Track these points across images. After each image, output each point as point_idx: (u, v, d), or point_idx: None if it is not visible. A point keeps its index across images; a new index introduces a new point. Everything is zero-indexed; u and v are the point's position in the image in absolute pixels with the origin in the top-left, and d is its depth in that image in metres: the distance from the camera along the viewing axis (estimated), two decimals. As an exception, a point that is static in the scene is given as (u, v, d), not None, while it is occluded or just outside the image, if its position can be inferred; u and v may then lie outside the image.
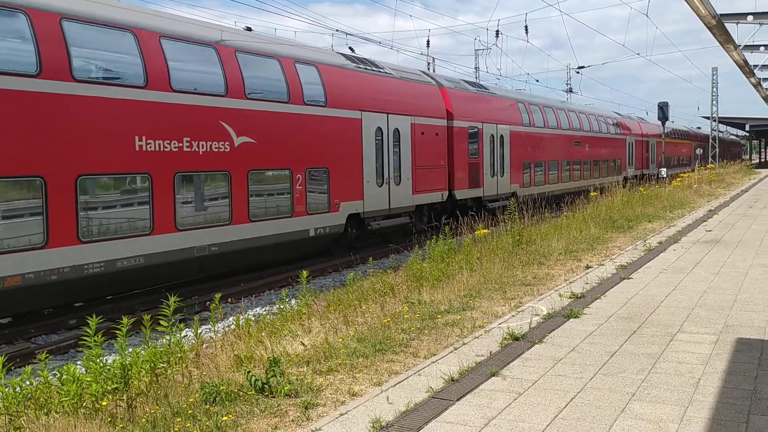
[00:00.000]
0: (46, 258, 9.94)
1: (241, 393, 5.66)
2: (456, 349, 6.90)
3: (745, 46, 23.55)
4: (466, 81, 24.72)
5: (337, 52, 18.62)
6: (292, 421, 5.19)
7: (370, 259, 12.62)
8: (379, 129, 17.62)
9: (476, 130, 22.66)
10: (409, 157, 18.90)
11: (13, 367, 8.38)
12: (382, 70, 18.93)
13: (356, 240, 17.48)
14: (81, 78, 10.58)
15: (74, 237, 10.37)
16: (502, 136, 24.52)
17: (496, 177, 24.08)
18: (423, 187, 19.51)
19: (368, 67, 18.36)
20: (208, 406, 5.41)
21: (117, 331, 6.08)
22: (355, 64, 17.89)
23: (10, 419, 5.19)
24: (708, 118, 58.92)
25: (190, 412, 5.29)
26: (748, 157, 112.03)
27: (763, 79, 35.32)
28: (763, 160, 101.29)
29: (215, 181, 12.96)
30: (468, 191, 22.03)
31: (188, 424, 5.08)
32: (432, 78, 21.68)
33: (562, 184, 30.38)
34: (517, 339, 7.16)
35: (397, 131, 18.44)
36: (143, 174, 11.50)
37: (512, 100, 26.83)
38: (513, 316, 8.33)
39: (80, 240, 10.45)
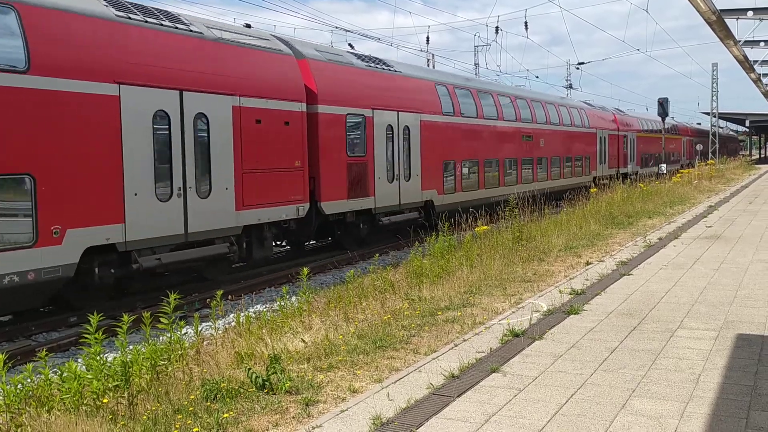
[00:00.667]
0: None
1: (241, 390, 5.66)
2: (456, 345, 6.91)
3: (745, 41, 23.50)
4: (353, 53, 18.75)
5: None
6: (293, 417, 5.20)
7: (375, 256, 12.59)
8: (164, 113, 11.71)
9: (362, 118, 16.95)
10: (230, 155, 13.01)
11: (14, 365, 8.39)
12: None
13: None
14: None
15: None
16: (407, 128, 18.75)
17: (398, 181, 18.34)
18: (256, 199, 13.63)
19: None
20: (208, 403, 5.42)
21: (118, 329, 6.09)
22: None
23: (12, 417, 5.20)
24: (708, 113, 58.90)
25: (191, 409, 5.30)
26: (748, 152, 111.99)
27: (763, 74, 35.29)
28: (763, 155, 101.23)
29: None
30: (346, 202, 16.36)
31: (189, 421, 5.09)
32: (285, 43, 15.46)
33: (506, 188, 24.23)
34: (517, 335, 7.17)
35: (203, 116, 12.46)
36: None
37: (427, 81, 20.76)
38: (513, 312, 8.33)
39: None
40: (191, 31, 12.51)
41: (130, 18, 11.40)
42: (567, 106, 32.92)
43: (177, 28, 12.25)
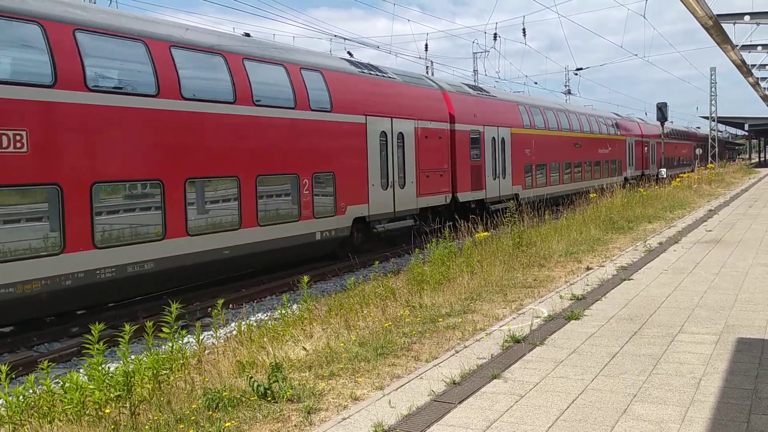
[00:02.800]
0: None
1: (243, 398, 5.67)
2: (457, 352, 6.92)
3: (743, 45, 23.59)
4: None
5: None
6: (295, 426, 5.21)
7: (377, 262, 12.62)
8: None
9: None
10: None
11: (16, 376, 8.39)
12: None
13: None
14: None
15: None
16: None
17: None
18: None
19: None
20: (210, 412, 5.43)
21: (119, 339, 6.11)
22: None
23: (14, 428, 5.21)
24: (707, 118, 59.01)
25: (193, 418, 5.31)
26: (747, 156, 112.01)
27: (761, 78, 35.37)
28: (762, 159, 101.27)
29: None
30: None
31: (191, 431, 5.10)
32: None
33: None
34: (518, 341, 7.18)
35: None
36: None
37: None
38: (514, 318, 8.34)
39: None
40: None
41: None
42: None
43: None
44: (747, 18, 19.99)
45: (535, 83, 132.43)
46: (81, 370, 6.82)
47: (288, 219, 14.72)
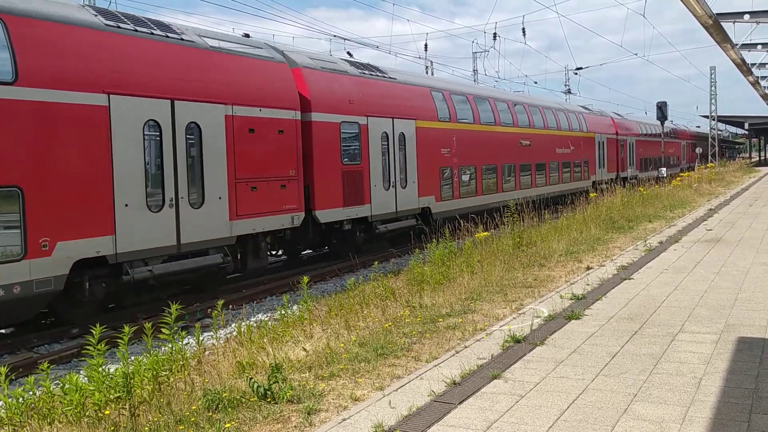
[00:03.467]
0: None
1: (243, 399, 5.67)
2: (457, 352, 6.91)
3: (742, 44, 23.56)
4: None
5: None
6: (295, 427, 5.20)
7: (376, 263, 12.61)
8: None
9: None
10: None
11: (16, 377, 8.39)
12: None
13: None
14: None
15: None
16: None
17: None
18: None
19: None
20: (210, 414, 5.42)
21: (119, 340, 6.10)
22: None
23: (14, 430, 5.21)
24: (707, 117, 59.01)
25: (192, 419, 5.30)
26: (748, 155, 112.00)
27: (761, 77, 35.35)
28: (762, 158, 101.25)
29: None
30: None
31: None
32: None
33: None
34: (518, 341, 7.17)
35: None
36: None
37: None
38: (514, 318, 8.34)
39: None
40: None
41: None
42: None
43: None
44: (747, 17, 19.97)
45: (535, 83, 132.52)
46: (81, 372, 6.81)
47: None
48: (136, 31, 11.93)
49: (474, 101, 23.65)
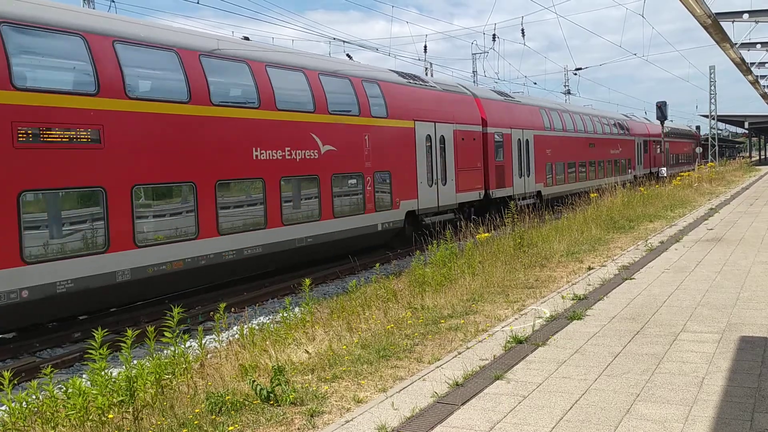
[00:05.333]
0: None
1: (246, 402, 5.67)
2: (460, 353, 6.92)
3: (742, 44, 23.57)
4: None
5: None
6: (298, 429, 5.21)
7: (377, 264, 12.62)
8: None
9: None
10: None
11: (19, 382, 8.40)
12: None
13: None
14: None
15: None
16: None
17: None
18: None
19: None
20: (213, 417, 5.43)
21: (122, 344, 6.11)
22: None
23: (18, 434, 5.21)
24: (707, 116, 59.01)
25: (196, 422, 5.31)
26: (748, 154, 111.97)
27: (761, 76, 35.35)
28: (763, 157, 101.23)
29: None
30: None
31: (195, 435, 5.09)
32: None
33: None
34: (520, 342, 7.17)
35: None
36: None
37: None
38: (516, 319, 8.34)
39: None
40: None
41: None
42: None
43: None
44: (746, 16, 19.98)
45: (535, 83, 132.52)
46: (84, 376, 6.82)
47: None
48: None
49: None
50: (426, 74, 41.79)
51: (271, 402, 5.66)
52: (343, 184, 16.58)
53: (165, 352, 6.71)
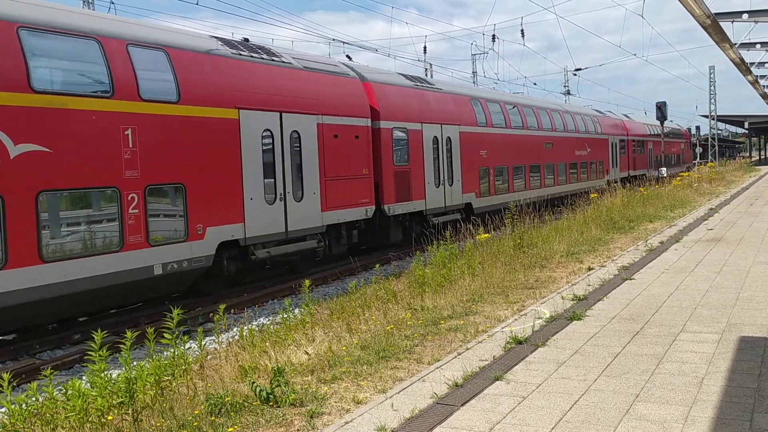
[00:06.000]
0: None
1: (246, 404, 5.67)
2: (459, 354, 6.91)
3: (741, 44, 23.56)
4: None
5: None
6: (298, 430, 5.21)
7: (377, 265, 12.65)
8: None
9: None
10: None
11: (18, 384, 8.39)
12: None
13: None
14: None
15: None
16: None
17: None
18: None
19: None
20: (213, 418, 5.43)
21: (121, 345, 6.10)
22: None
23: (17, 436, 5.20)
24: (707, 116, 59.05)
25: (195, 424, 5.31)
26: (748, 154, 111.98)
27: (761, 76, 35.36)
28: (763, 157, 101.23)
29: None
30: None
31: (194, 436, 5.09)
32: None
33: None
34: (520, 342, 7.17)
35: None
36: None
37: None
38: (516, 319, 8.34)
39: None
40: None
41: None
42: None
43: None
44: (745, 16, 19.98)
45: (534, 84, 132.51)
46: (83, 377, 6.82)
47: None
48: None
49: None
50: (426, 75, 41.37)
51: (271, 403, 5.66)
52: (69, 205, 10.62)
53: (165, 353, 6.71)
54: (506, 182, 24.91)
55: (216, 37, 14.19)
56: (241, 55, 13.94)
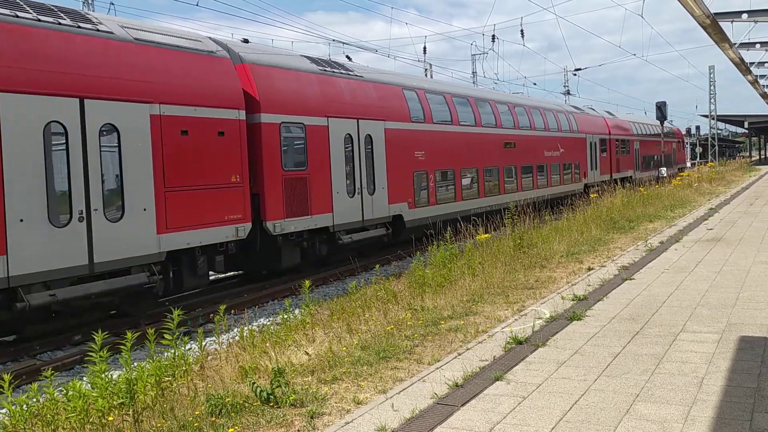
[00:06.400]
0: None
1: (246, 404, 5.68)
2: (460, 354, 6.92)
3: (741, 44, 23.59)
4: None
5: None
6: (298, 430, 5.22)
7: (377, 266, 12.65)
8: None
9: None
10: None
11: (19, 385, 8.40)
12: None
13: None
14: None
15: None
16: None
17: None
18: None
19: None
20: (214, 419, 5.44)
21: (122, 346, 6.11)
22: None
23: (18, 436, 5.21)
24: (706, 116, 59.09)
25: (196, 424, 5.31)
26: (748, 154, 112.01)
27: (760, 76, 35.38)
28: (763, 156, 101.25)
29: None
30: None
31: (195, 437, 5.10)
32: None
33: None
34: (520, 343, 7.18)
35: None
36: None
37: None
38: (516, 320, 8.34)
39: None
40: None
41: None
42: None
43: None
44: (745, 16, 20.00)
45: (534, 84, 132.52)
46: (84, 378, 6.83)
47: None
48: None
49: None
50: (426, 75, 41.00)
51: (271, 404, 5.67)
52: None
53: (165, 354, 6.71)
54: (452, 189, 21.00)
55: None
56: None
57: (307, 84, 15.53)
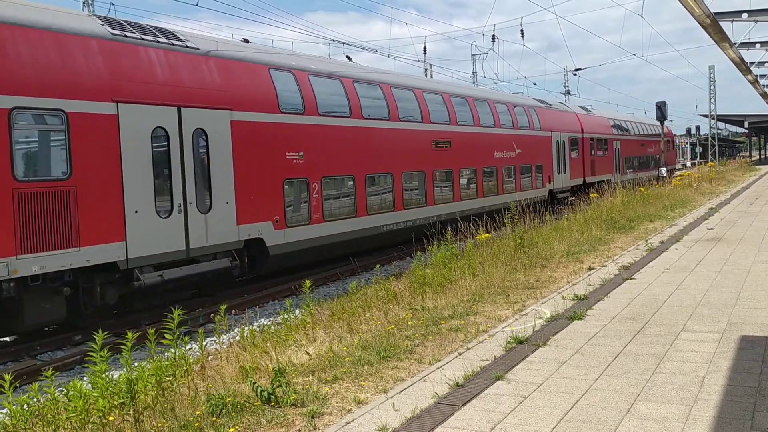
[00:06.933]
0: None
1: (247, 404, 5.68)
2: (460, 354, 6.92)
3: (741, 43, 23.58)
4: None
5: None
6: (299, 430, 5.21)
7: (378, 266, 12.65)
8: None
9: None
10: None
11: (19, 385, 8.40)
12: None
13: None
14: None
15: None
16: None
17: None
18: None
19: None
20: (214, 418, 5.43)
21: (122, 346, 6.11)
22: None
23: (18, 436, 5.21)
24: (706, 116, 59.11)
25: (196, 424, 5.31)
26: (748, 154, 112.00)
27: (761, 75, 35.37)
28: (763, 156, 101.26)
29: None
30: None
31: (195, 437, 5.09)
32: None
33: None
34: (521, 342, 7.18)
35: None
36: None
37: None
38: (516, 319, 8.34)
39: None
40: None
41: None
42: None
43: None
44: (745, 16, 20.00)
45: (534, 84, 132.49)
46: (84, 378, 6.83)
47: None
48: None
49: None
50: (426, 76, 40.96)
51: (272, 403, 5.66)
52: None
53: (166, 354, 6.71)
54: (350, 201, 16.52)
55: None
56: None
57: (78, 53, 10.86)
